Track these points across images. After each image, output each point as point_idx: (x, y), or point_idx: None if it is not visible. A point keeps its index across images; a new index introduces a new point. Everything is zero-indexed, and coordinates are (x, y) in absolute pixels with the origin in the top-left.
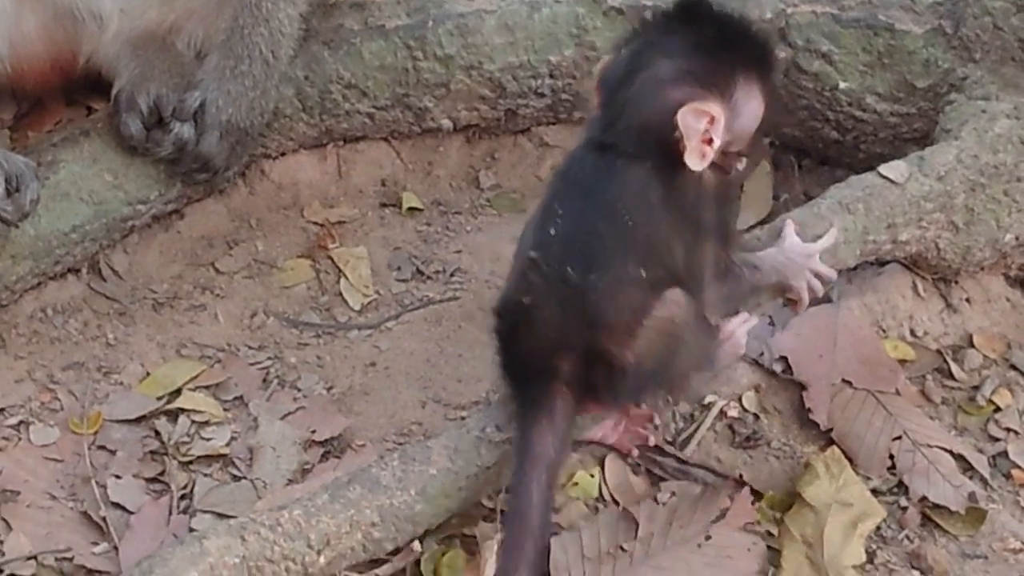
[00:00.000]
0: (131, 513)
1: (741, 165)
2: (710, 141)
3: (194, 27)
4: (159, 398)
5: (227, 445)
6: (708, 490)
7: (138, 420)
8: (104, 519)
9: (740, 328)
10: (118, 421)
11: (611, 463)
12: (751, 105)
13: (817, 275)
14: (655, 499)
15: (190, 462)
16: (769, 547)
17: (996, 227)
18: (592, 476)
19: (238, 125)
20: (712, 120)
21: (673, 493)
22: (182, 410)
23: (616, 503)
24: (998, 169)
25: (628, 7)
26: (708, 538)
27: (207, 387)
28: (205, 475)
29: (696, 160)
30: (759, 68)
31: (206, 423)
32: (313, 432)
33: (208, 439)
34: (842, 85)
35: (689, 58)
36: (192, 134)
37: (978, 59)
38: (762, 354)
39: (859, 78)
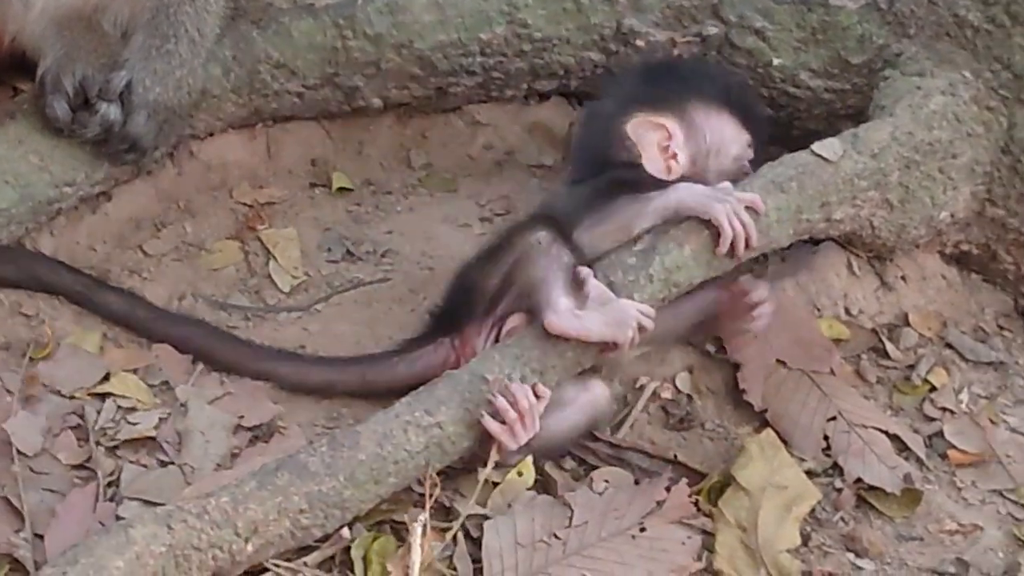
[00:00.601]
0: (53, 492)
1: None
2: (674, 155)
3: (120, 6)
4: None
5: (155, 429)
6: (645, 481)
7: (64, 404)
8: (25, 506)
9: (628, 314)
10: (43, 405)
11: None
12: (712, 124)
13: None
14: (591, 488)
15: (116, 447)
16: (705, 531)
17: (931, 205)
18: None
19: (165, 104)
20: (668, 135)
21: (607, 481)
22: (110, 394)
23: (551, 492)
24: (933, 146)
25: None
26: (643, 530)
27: (134, 371)
28: (132, 461)
29: (657, 169)
30: (717, 95)
31: (133, 408)
32: (241, 417)
33: (135, 424)
34: (776, 61)
35: (636, 89)
36: (119, 115)
37: (913, 35)
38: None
39: (793, 54)
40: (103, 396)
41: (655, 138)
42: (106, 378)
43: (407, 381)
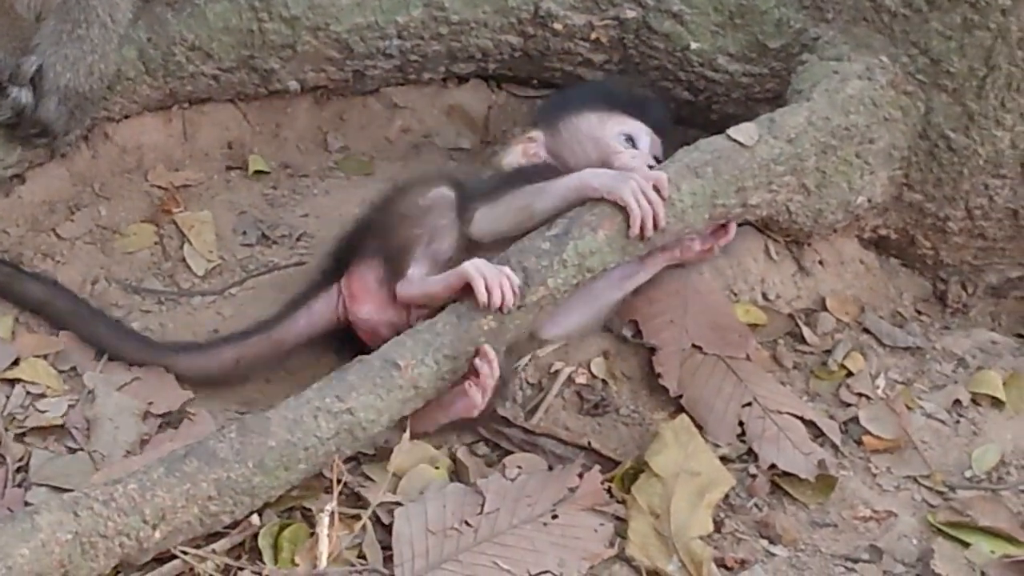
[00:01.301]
0: None
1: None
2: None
3: None
4: None
5: (63, 416)
6: (557, 467)
7: None
8: None
9: (471, 260)
10: None
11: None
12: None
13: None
14: (503, 474)
15: (25, 433)
16: (618, 518)
17: (848, 189)
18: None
19: (76, 90)
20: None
21: (520, 467)
22: (18, 380)
23: (463, 479)
24: (850, 131)
25: None
26: (555, 516)
27: (44, 356)
28: (41, 447)
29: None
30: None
31: (42, 395)
32: (150, 404)
33: (44, 411)
34: (693, 45)
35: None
36: (30, 99)
37: (830, 19)
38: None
39: (711, 38)
40: (12, 382)
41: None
42: (15, 363)
43: (309, 335)
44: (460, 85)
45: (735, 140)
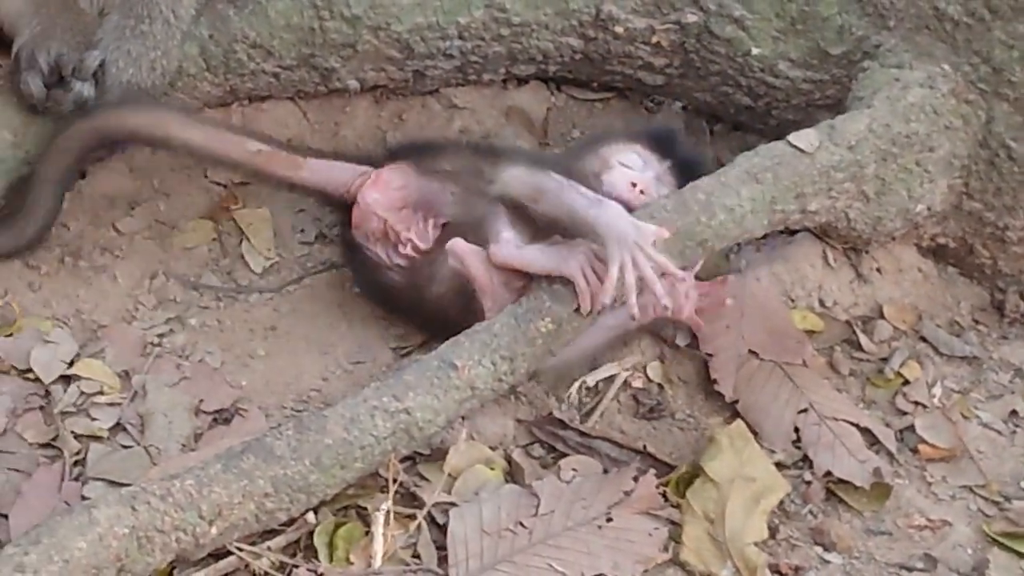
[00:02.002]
0: (19, 471)
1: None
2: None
3: None
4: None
5: (118, 412)
6: (612, 470)
7: (29, 384)
8: None
9: (577, 250)
10: (7, 384)
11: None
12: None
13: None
14: (559, 477)
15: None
16: (672, 522)
17: (907, 197)
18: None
19: (138, 85)
20: None
21: (575, 470)
22: (76, 377)
23: (518, 480)
24: (910, 139)
25: None
26: (610, 520)
27: (98, 354)
28: (98, 441)
29: None
30: None
31: (99, 392)
32: (201, 401)
33: (99, 405)
34: (755, 51)
35: None
36: (92, 93)
37: (892, 27)
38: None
39: (772, 44)
40: (68, 378)
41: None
42: (71, 362)
43: (305, 183)
44: (520, 87)
45: (795, 146)
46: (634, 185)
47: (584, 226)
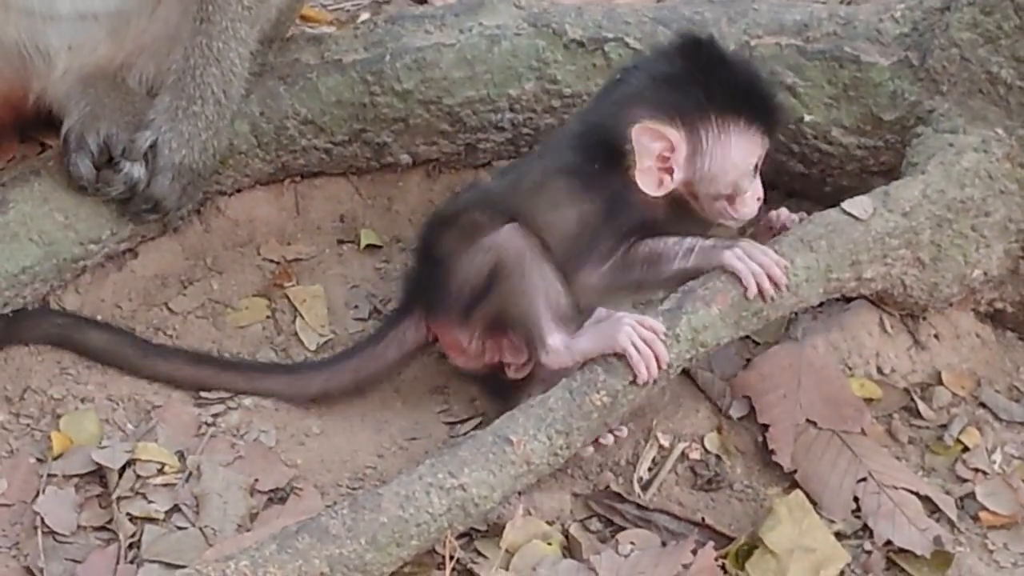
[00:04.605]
0: (78, 563)
1: (736, 211)
2: (670, 170)
3: (145, 63)
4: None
5: (173, 494)
6: (671, 543)
7: (87, 469)
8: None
9: (622, 324)
10: (67, 470)
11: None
12: (724, 149)
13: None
14: (616, 550)
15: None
16: None
17: (964, 263)
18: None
19: (190, 167)
20: (671, 146)
21: (633, 543)
22: (133, 460)
23: (575, 555)
24: (965, 204)
25: (589, 39)
26: None
27: (150, 433)
28: (152, 523)
29: (649, 182)
30: (742, 113)
31: (159, 472)
32: (256, 480)
33: (155, 487)
34: (807, 118)
35: (665, 86)
36: (143, 174)
37: (945, 91)
38: (724, 396)
39: (825, 111)
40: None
41: (656, 148)
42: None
43: (398, 361)
44: None
45: (849, 213)
46: (759, 199)
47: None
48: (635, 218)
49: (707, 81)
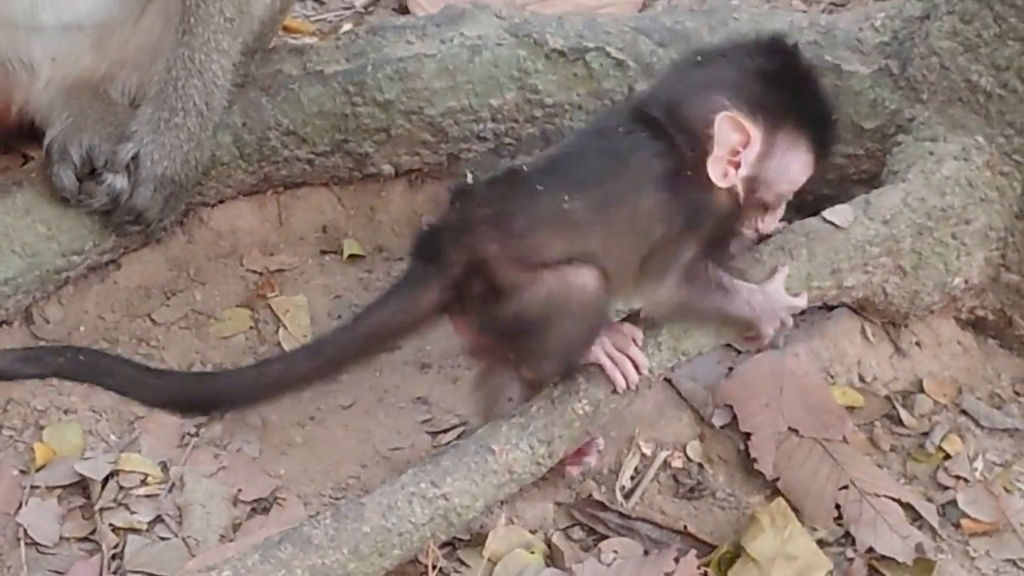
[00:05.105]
0: (61, 574)
1: (763, 223)
2: (738, 164)
3: (128, 75)
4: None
5: (156, 504)
6: (653, 552)
7: (70, 480)
8: None
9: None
10: (50, 481)
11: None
12: (790, 157)
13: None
14: (599, 559)
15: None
16: None
17: (945, 271)
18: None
19: (172, 178)
20: (747, 141)
21: (616, 552)
22: (116, 471)
23: (558, 563)
24: (945, 212)
25: (570, 49)
26: None
27: (133, 444)
28: (136, 534)
29: (717, 172)
30: (812, 132)
31: (142, 483)
32: (239, 491)
33: (138, 498)
34: None
35: (754, 81)
36: (126, 185)
37: (925, 100)
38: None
39: None
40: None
41: (733, 140)
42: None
43: (412, 325)
44: None
45: (830, 222)
46: (780, 220)
47: (748, 320)
48: (711, 223)
49: (794, 87)
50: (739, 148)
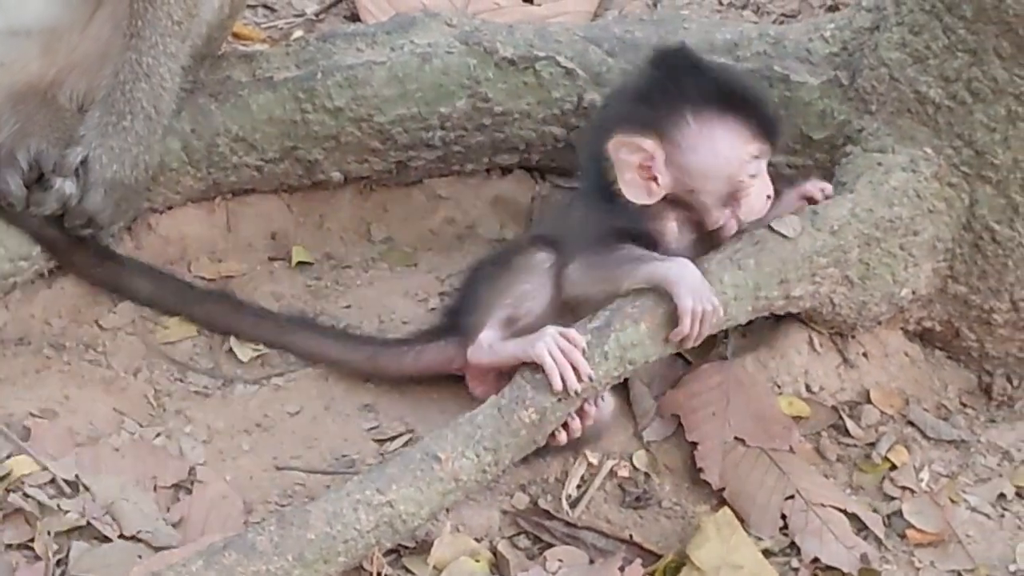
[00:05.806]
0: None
1: (741, 212)
2: (654, 177)
3: (76, 80)
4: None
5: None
6: (598, 560)
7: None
8: None
9: (544, 334)
10: None
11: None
12: (707, 141)
13: (703, 314)
14: (544, 568)
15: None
16: None
17: (892, 282)
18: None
19: (122, 181)
20: (649, 154)
21: (561, 560)
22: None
23: (503, 572)
24: (893, 223)
25: (520, 58)
26: None
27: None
28: (79, 539)
29: (634, 193)
30: (719, 108)
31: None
32: (155, 478)
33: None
34: None
35: (631, 101)
36: (75, 190)
37: (874, 111)
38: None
39: None
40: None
41: (635, 159)
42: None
43: (412, 372)
44: (503, 176)
45: (778, 232)
46: (768, 197)
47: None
48: (634, 223)
49: (677, 83)
50: (647, 163)
